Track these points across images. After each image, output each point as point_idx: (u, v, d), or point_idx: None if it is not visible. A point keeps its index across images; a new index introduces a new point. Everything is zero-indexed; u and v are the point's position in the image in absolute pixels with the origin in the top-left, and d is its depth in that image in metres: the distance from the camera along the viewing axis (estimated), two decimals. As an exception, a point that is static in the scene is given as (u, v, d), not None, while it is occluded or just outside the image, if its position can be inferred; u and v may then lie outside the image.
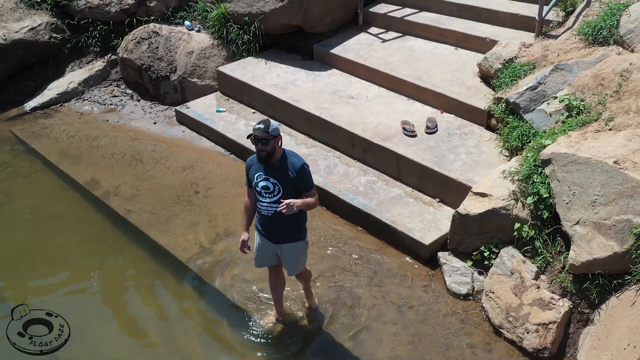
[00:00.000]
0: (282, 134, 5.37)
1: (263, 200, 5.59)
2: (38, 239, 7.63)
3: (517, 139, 7.20)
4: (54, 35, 10.92)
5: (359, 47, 9.85)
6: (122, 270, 7.20)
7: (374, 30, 10.29)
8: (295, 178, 5.51)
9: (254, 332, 6.28)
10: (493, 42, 8.76)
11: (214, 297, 6.74)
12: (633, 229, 5.53)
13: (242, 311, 6.53)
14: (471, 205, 6.72)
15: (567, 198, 6.06)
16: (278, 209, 5.40)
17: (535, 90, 7.38)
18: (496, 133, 7.86)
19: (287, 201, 5.35)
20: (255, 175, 5.57)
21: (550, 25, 8.75)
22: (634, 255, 5.53)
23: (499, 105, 7.72)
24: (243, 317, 6.47)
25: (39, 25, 10.81)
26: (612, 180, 5.81)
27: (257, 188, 5.58)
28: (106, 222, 7.92)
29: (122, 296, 6.88)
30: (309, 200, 5.57)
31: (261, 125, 5.41)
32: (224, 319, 6.50)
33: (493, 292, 6.36)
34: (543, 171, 6.38)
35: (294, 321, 6.40)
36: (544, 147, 6.51)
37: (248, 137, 5.45)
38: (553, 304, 6.03)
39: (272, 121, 5.50)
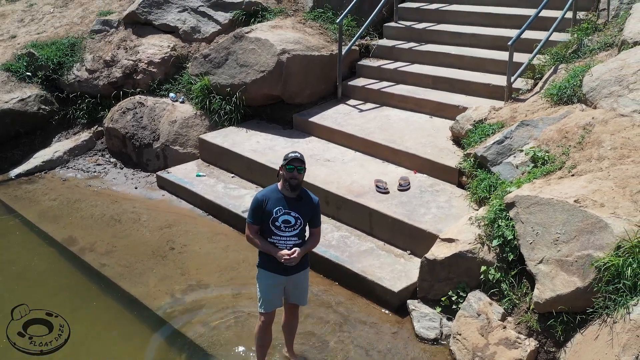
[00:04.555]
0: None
1: (282, 234, 5.66)
2: (11, 290, 7.64)
3: (484, 190, 7.36)
4: (43, 107, 11.28)
5: (337, 116, 10.16)
6: (92, 319, 7.15)
7: (352, 102, 10.64)
8: (311, 213, 5.78)
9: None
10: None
11: (183, 344, 6.68)
12: (593, 262, 5.59)
13: (211, 356, 6.48)
14: (439, 251, 6.80)
15: (530, 238, 6.15)
16: (288, 258, 5.59)
17: (502, 144, 7.60)
18: (467, 189, 8.01)
19: (297, 253, 5.63)
20: (275, 210, 5.64)
21: (520, 92, 9.08)
22: (595, 289, 5.57)
23: (468, 160, 7.93)
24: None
25: (29, 97, 11.19)
26: (573, 218, 5.91)
27: (276, 223, 5.64)
28: (80, 275, 7.97)
29: (89, 344, 6.81)
30: (316, 240, 5.93)
31: (297, 154, 5.66)
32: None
33: (460, 334, 6.34)
34: (507, 214, 6.49)
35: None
36: (509, 193, 6.66)
37: (287, 164, 5.58)
38: (519, 343, 6.00)
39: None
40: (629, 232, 5.55)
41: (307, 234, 5.91)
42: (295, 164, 5.60)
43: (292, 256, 5.61)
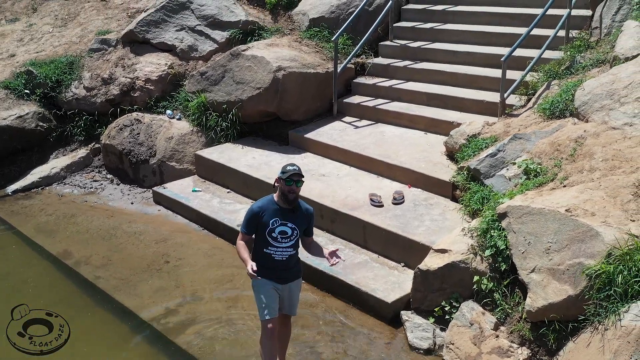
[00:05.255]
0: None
1: (278, 245, 5.70)
2: (6, 302, 7.61)
3: (477, 202, 7.41)
4: (41, 124, 11.37)
5: (332, 132, 10.23)
6: (85, 330, 7.16)
7: (347, 119, 10.71)
8: (305, 223, 5.86)
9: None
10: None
11: (177, 354, 6.70)
12: (585, 270, 5.63)
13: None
14: (432, 262, 6.83)
15: (522, 248, 6.19)
16: (332, 264, 5.84)
17: (495, 157, 7.67)
18: (460, 203, 8.05)
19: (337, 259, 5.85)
20: (272, 221, 5.66)
21: (514, 107, 9.17)
22: (586, 296, 5.60)
23: (462, 173, 7.99)
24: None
25: (27, 114, 11.28)
26: (565, 227, 5.96)
27: (272, 234, 5.66)
28: (75, 288, 8.01)
29: (82, 354, 6.81)
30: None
31: (295, 167, 5.68)
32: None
33: (453, 344, 6.36)
34: (500, 225, 6.54)
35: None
36: (501, 204, 6.71)
37: (287, 178, 5.59)
38: (512, 352, 6.03)
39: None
40: (620, 240, 5.60)
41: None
42: (294, 179, 5.63)
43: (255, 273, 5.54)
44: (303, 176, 5.71)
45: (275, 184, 5.79)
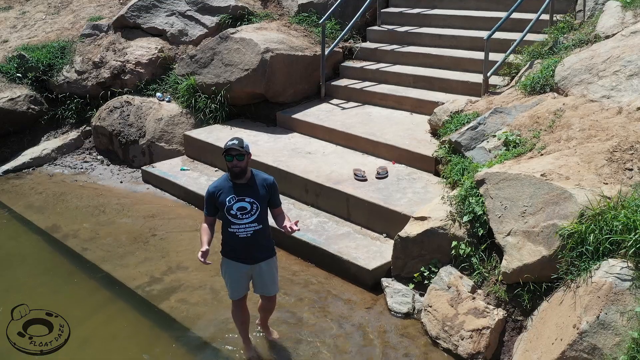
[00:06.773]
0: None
1: (240, 222, 5.59)
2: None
3: (458, 173, 7.53)
4: (32, 106, 11.49)
5: (319, 113, 10.37)
6: (73, 298, 7.28)
7: (335, 101, 10.85)
8: (267, 194, 5.69)
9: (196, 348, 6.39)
10: (445, 105, 9.27)
11: (161, 319, 6.84)
12: (558, 231, 5.75)
13: (185, 329, 6.62)
14: (411, 229, 6.96)
15: (499, 212, 6.31)
16: (292, 230, 5.59)
17: (476, 130, 7.80)
18: (442, 176, 8.18)
19: (293, 225, 5.61)
20: (228, 199, 5.57)
21: (497, 87, 9.30)
22: (560, 256, 5.71)
23: (443, 147, 8.12)
24: (186, 335, 6.57)
25: (18, 96, 11.40)
26: (540, 191, 6.09)
27: (231, 211, 5.56)
28: (62, 259, 8.13)
29: (70, 321, 6.92)
30: (283, 218, 5.84)
31: (235, 141, 5.52)
32: (168, 337, 6.60)
33: (431, 306, 6.48)
34: (478, 191, 6.67)
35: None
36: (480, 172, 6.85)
37: (225, 154, 5.50)
38: (487, 312, 6.14)
39: (244, 139, 5.68)
40: (592, 201, 5.71)
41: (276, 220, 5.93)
42: (232, 153, 5.49)
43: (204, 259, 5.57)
44: (242, 148, 5.49)
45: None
